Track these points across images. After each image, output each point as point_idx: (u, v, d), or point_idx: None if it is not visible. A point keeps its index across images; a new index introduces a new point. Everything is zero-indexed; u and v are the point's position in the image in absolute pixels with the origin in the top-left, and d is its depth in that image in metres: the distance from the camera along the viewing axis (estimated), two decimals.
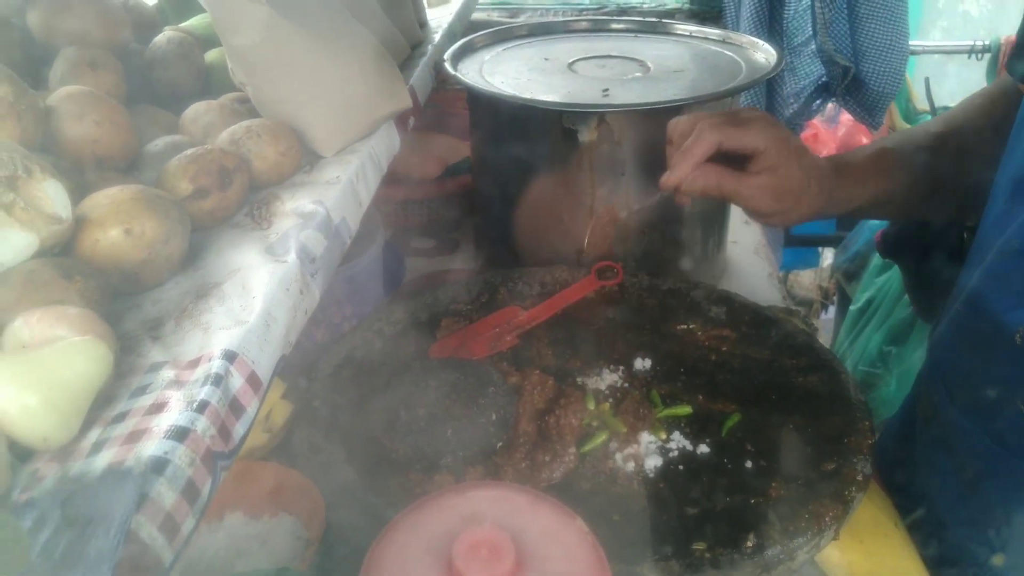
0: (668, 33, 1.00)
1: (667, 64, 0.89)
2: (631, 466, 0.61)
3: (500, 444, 0.64)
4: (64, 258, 0.41)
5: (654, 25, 1.02)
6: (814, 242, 1.75)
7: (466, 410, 0.68)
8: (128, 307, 0.43)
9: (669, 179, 0.67)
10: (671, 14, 1.45)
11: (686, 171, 0.66)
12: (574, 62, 0.91)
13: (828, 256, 2.07)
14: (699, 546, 0.53)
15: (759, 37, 1.26)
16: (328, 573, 0.56)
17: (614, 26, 1.02)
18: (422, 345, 0.78)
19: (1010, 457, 0.57)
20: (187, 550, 0.59)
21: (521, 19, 1.50)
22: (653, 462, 0.61)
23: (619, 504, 0.58)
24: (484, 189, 0.95)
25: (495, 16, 1.48)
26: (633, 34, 1.01)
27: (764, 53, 0.90)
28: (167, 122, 0.62)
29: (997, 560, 0.56)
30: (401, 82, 0.61)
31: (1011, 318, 0.56)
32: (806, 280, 2.33)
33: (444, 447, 0.65)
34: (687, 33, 0.99)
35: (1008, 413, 0.57)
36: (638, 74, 0.88)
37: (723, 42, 0.96)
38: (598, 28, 1.03)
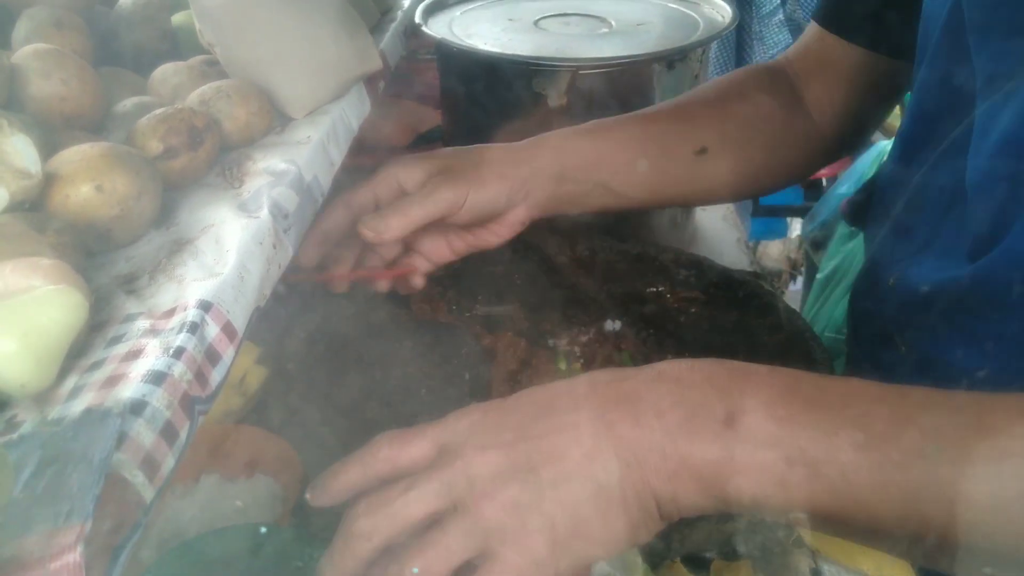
0: None
1: (628, 19, 0.90)
2: None
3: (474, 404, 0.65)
4: (35, 212, 0.41)
5: None
6: (781, 212, 1.78)
7: (440, 371, 0.69)
8: (101, 263, 0.44)
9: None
10: None
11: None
12: (539, 20, 0.91)
13: (796, 227, 2.10)
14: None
15: (729, 3, 1.27)
16: (307, 530, 0.56)
17: None
18: (395, 309, 0.79)
19: None
20: (163, 510, 0.60)
21: None
22: None
23: None
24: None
25: None
26: None
27: (718, 10, 0.91)
28: (135, 84, 0.61)
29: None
30: (371, 44, 0.61)
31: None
32: (774, 251, 2.36)
33: (419, 407, 0.66)
34: None
35: (891, 356, 0.59)
36: (604, 30, 0.89)
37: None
38: None
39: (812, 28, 0.73)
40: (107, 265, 0.43)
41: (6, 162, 0.40)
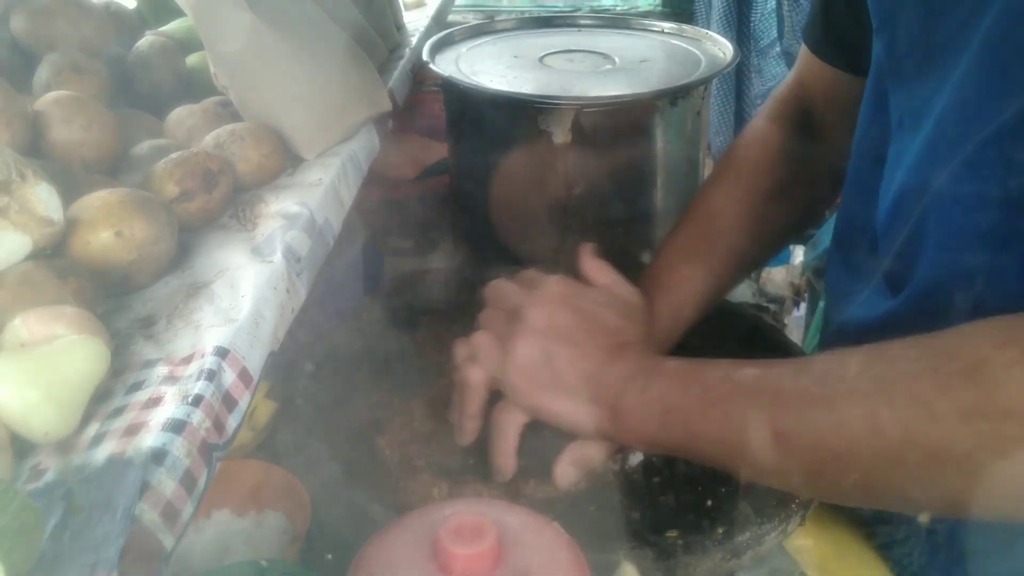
0: (628, 28, 1.04)
1: (631, 56, 0.92)
2: (610, 459, 0.63)
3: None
4: (58, 259, 0.42)
5: (614, 20, 1.06)
6: None
7: (449, 405, 0.70)
8: (120, 306, 0.45)
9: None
10: (643, 16, 1.47)
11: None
12: (544, 56, 0.93)
13: (800, 253, 2.11)
14: (671, 534, 0.55)
15: (727, 38, 1.30)
16: (314, 566, 0.57)
17: (573, 22, 1.06)
18: (403, 343, 0.80)
19: None
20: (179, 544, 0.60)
21: (499, 18, 1.51)
22: (628, 454, 0.63)
23: (595, 496, 0.60)
24: (461, 185, 0.97)
25: (471, 18, 1.49)
26: (596, 28, 1.04)
27: (719, 46, 0.93)
28: (151, 125, 0.63)
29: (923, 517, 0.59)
30: (380, 86, 0.63)
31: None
32: (778, 277, 2.36)
33: (427, 441, 0.67)
34: (643, 27, 1.03)
35: None
36: (608, 67, 0.90)
37: (679, 35, 0.99)
38: (564, 24, 1.06)
39: (804, 52, 0.74)
40: (125, 308, 0.45)
41: (30, 210, 0.41)
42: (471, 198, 0.95)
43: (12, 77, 0.63)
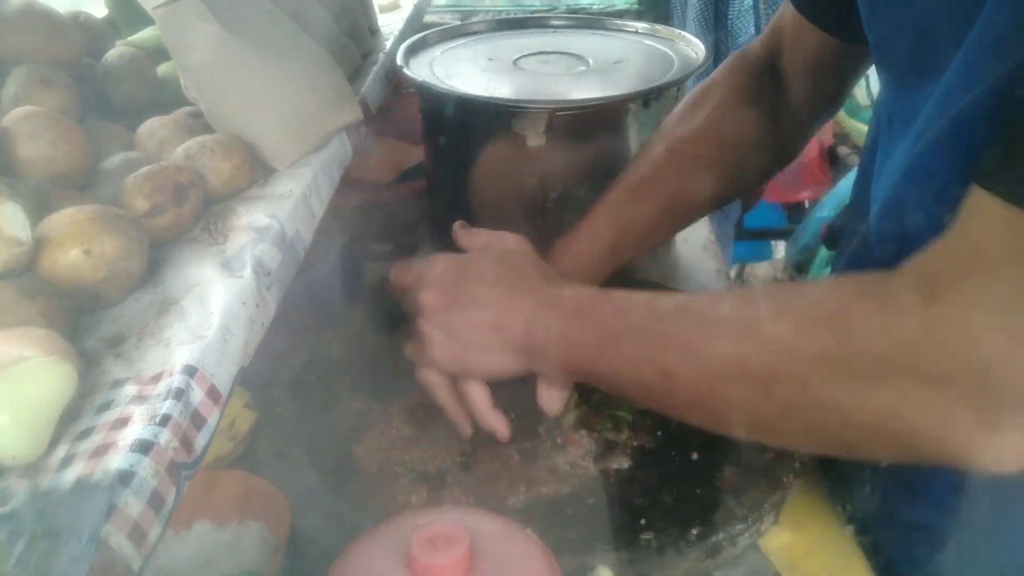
0: (602, 28, 1.04)
1: (605, 57, 0.93)
2: (586, 462, 0.64)
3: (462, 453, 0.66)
4: (26, 279, 0.42)
5: (588, 21, 1.07)
6: (767, 235, 1.80)
7: (431, 414, 0.70)
8: (90, 324, 0.45)
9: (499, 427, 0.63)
10: (620, 15, 1.48)
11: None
12: (519, 59, 0.93)
13: (781, 248, 2.13)
14: (647, 536, 0.56)
15: (704, 36, 1.30)
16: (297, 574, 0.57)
17: (553, 22, 1.06)
18: (382, 349, 0.80)
19: None
20: (156, 559, 0.61)
21: (475, 19, 1.51)
22: (604, 457, 0.64)
23: (571, 499, 0.60)
24: (437, 189, 0.97)
25: (448, 19, 1.49)
26: (570, 29, 1.05)
27: (691, 46, 0.93)
28: (122, 137, 0.63)
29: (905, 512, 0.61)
30: (351, 95, 0.63)
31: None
32: (761, 272, 2.38)
33: (410, 449, 0.67)
34: (617, 28, 1.03)
35: None
36: (581, 68, 0.91)
37: (653, 36, 1.00)
38: (538, 25, 1.06)
39: (786, 8, 0.74)
40: (95, 326, 0.45)
41: None
42: (447, 201, 0.95)
43: None
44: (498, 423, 0.62)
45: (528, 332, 0.57)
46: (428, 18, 1.48)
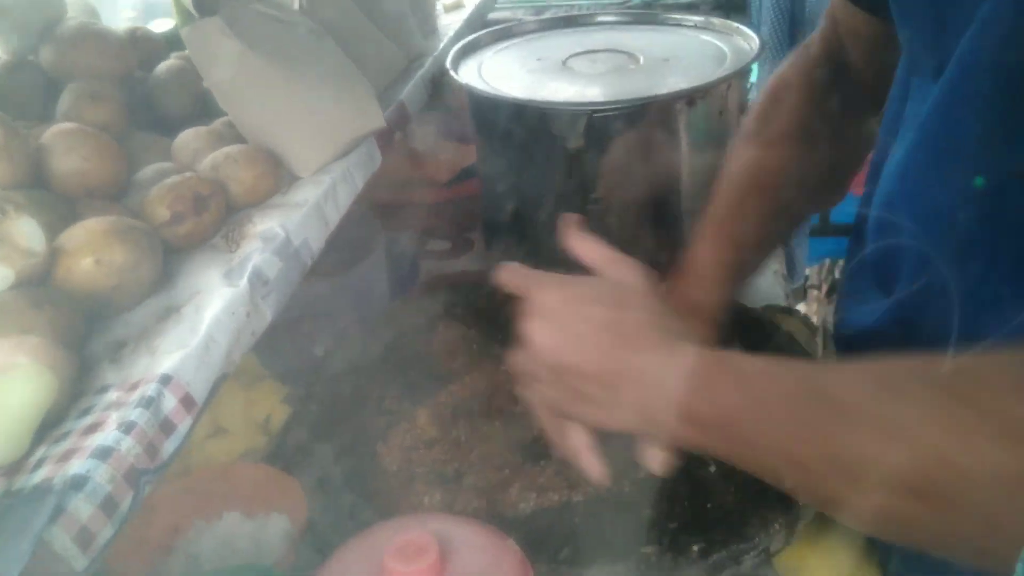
0: (656, 23, 1.02)
1: (656, 54, 0.91)
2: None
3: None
4: (37, 288, 0.45)
5: (643, 16, 1.04)
6: (842, 231, 1.71)
7: (454, 417, 0.71)
8: (101, 329, 0.48)
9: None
10: (695, 6, 1.44)
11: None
12: (568, 58, 0.92)
13: None
14: (647, 550, 0.55)
15: (781, 25, 1.25)
16: (303, 570, 0.60)
17: (602, 19, 1.05)
18: (423, 349, 0.82)
19: None
20: (188, 547, 0.64)
21: (547, 15, 1.51)
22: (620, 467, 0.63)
23: (575, 510, 0.60)
24: (489, 189, 0.98)
25: (519, 14, 1.49)
26: (624, 25, 1.03)
27: (745, 38, 0.90)
28: (162, 148, 0.66)
29: None
30: (374, 104, 0.64)
31: None
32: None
33: (428, 454, 0.68)
34: (673, 22, 1.01)
35: None
36: (631, 67, 0.89)
37: (707, 29, 0.97)
38: (591, 22, 1.05)
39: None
40: (105, 331, 0.48)
41: (12, 243, 0.45)
42: (497, 203, 0.96)
43: (45, 107, 0.68)
44: (594, 467, 0.55)
45: (641, 396, 0.50)
46: (498, 14, 1.48)
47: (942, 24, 0.47)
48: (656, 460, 0.53)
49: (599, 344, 0.52)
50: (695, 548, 0.54)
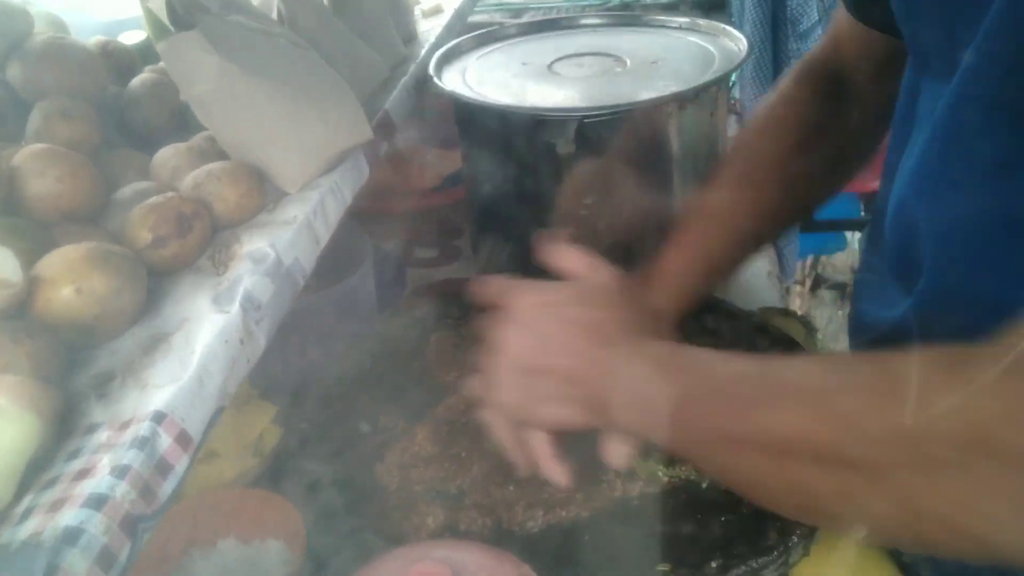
0: (641, 25, 1.01)
1: (643, 57, 0.89)
2: (607, 488, 0.61)
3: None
4: (14, 321, 0.43)
5: (627, 18, 1.02)
6: (837, 226, 1.71)
7: (452, 434, 0.69)
8: (85, 360, 0.45)
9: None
10: (675, 6, 1.43)
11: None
12: (553, 62, 0.91)
13: (857, 238, 2.03)
14: (663, 567, 0.53)
15: (763, 23, 1.24)
16: None
17: (585, 21, 1.03)
18: (416, 364, 0.80)
19: None
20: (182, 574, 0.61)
21: (525, 19, 1.49)
22: (627, 482, 0.61)
23: (587, 527, 0.58)
24: (475, 196, 0.96)
25: (497, 17, 1.48)
26: (609, 28, 1.01)
27: (732, 39, 0.89)
28: (140, 166, 0.64)
29: None
30: (361, 115, 0.62)
31: None
32: (839, 262, 2.29)
33: (427, 471, 0.66)
34: (658, 24, 0.99)
35: None
36: (618, 70, 0.88)
37: (695, 31, 0.95)
38: (575, 25, 1.03)
39: (840, 10, 0.70)
40: (89, 362, 0.45)
41: None
42: (484, 209, 0.94)
43: (11, 126, 0.65)
44: (558, 473, 0.56)
45: (602, 389, 0.51)
46: (476, 18, 1.46)
47: (952, 23, 0.46)
48: (615, 454, 0.54)
49: (565, 341, 0.54)
50: (713, 564, 0.53)
